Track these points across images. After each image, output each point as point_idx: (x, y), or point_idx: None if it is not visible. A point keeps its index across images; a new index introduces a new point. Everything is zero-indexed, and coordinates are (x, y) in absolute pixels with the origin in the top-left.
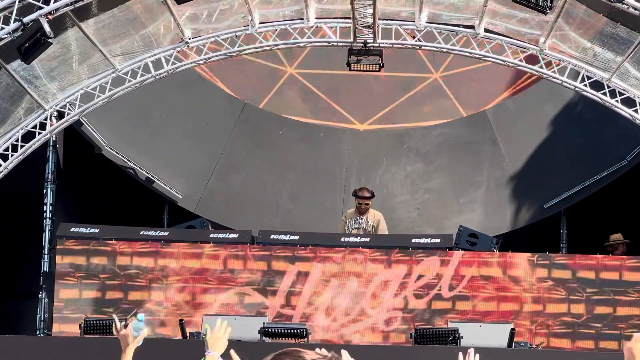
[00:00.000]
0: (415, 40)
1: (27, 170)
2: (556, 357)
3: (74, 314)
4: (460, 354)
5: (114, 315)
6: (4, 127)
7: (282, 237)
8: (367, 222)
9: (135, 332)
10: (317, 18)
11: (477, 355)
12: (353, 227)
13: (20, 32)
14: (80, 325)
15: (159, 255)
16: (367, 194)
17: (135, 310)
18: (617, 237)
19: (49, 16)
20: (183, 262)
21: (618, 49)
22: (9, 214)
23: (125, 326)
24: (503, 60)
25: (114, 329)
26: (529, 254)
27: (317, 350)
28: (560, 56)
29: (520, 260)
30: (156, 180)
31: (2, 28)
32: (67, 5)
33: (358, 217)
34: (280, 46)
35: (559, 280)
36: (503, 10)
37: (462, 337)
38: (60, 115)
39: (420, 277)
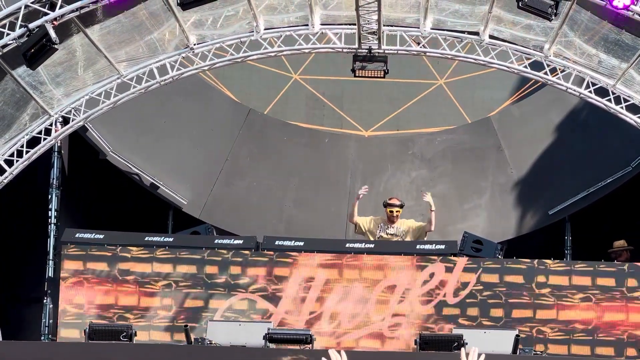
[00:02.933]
0: (420, 47)
1: (32, 176)
2: None
3: (79, 319)
4: (463, 350)
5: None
6: (9, 133)
7: (287, 243)
8: (399, 228)
9: None
10: (322, 24)
11: (483, 356)
12: (387, 233)
13: (26, 38)
14: (84, 330)
15: (164, 261)
16: (397, 202)
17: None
18: (620, 243)
19: (55, 22)
20: (188, 268)
21: (623, 55)
22: (14, 219)
23: None
24: (508, 67)
25: None
26: (529, 260)
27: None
28: (564, 62)
29: (524, 266)
30: (161, 186)
31: (8, 34)
32: (72, 11)
33: (389, 226)
34: (285, 52)
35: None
36: (508, 16)
37: (466, 344)
38: (65, 121)
39: (424, 283)
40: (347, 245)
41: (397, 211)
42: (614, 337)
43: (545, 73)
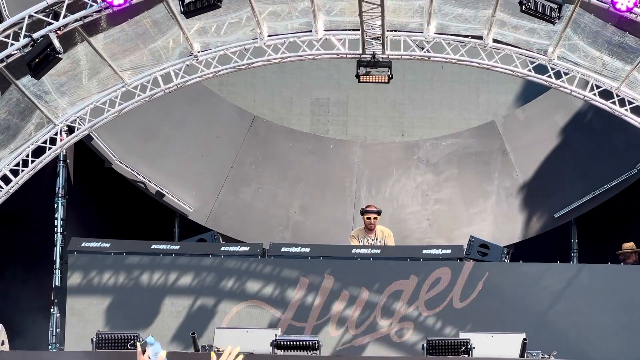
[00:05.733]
0: (424, 51)
1: (37, 185)
2: None
3: (86, 328)
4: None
5: (138, 343)
6: (14, 143)
7: (293, 249)
8: (378, 241)
9: (153, 357)
10: (325, 30)
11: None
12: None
13: (30, 48)
14: (92, 339)
15: (171, 269)
16: (374, 209)
17: (143, 340)
18: (629, 245)
19: (59, 32)
20: (195, 275)
21: (627, 57)
22: (20, 228)
23: (143, 352)
24: (512, 71)
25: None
26: (536, 264)
27: None
28: (569, 65)
29: (531, 269)
30: (167, 193)
31: (12, 44)
32: (76, 20)
33: (369, 237)
34: (289, 58)
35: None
36: (511, 20)
37: (474, 348)
38: (70, 130)
39: (431, 288)
40: (353, 251)
41: (374, 218)
42: None
43: (550, 76)
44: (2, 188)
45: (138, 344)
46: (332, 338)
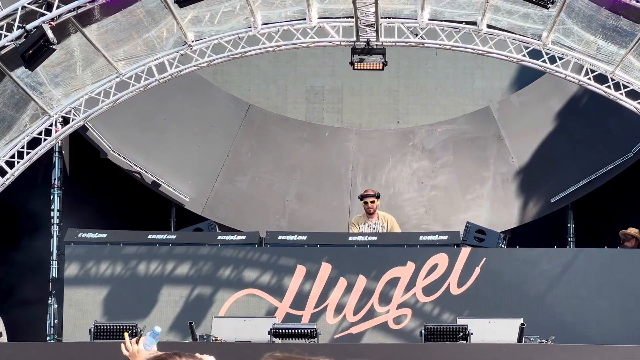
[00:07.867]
0: (418, 38)
1: (33, 177)
2: (566, 351)
3: (84, 319)
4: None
5: (125, 334)
6: (9, 134)
7: (290, 237)
8: (380, 225)
9: (146, 347)
10: (319, 18)
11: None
12: (369, 227)
13: (24, 39)
14: (90, 330)
15: (168, 259)
16: (371, 193)
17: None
18: (635, 232)
19: (52, 22)
20: (192, 264)
21: (621, 41)
22: (17, 220)
23: (137, 342)
24: (506, 56)
25: (123, 347)
26: (533, 249)
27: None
28: (563, 50)
29: (528, 254)
30: (162, 183)
31: (6, 35)
32: (69, 11)
33: (370, 222)
34: (283, 47)
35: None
36: (505, 5)
37: (471, 334)
38: (66, 121)
39: (428, 274)
40: (350, 238)
41: (372, 202)
42: None
43: (544, 61)
44: None
45: (126, 334)
46: (330, 325)
